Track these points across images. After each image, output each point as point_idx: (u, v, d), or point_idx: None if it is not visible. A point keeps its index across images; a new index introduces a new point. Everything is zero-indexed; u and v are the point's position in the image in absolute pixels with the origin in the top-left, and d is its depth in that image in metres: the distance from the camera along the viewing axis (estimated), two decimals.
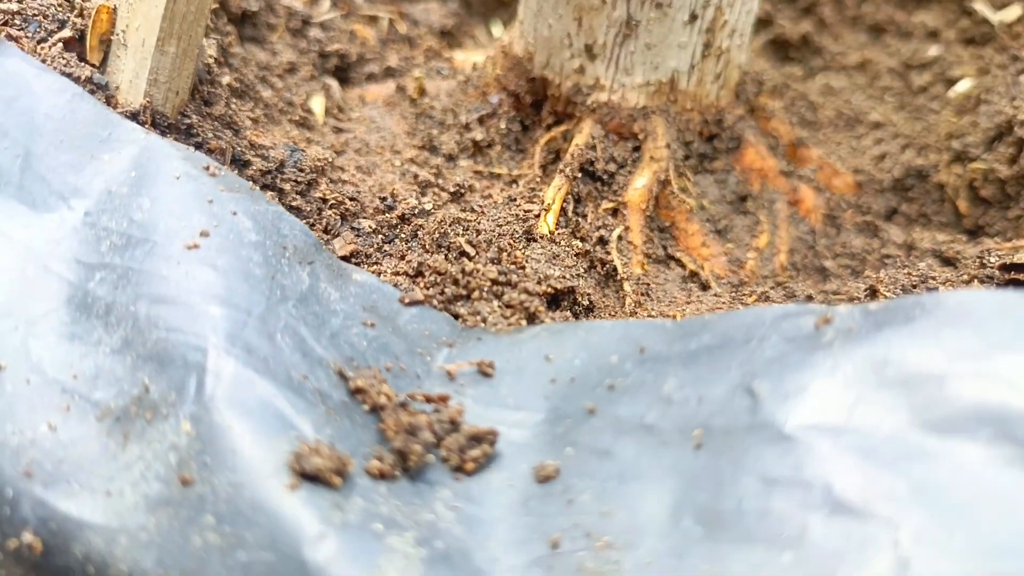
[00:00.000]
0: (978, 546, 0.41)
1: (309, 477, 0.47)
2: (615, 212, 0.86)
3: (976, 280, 0.72)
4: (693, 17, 0.86)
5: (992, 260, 0.75)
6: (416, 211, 0.76)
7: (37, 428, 0.52)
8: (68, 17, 0.74)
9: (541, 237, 0.73)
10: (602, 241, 0.83)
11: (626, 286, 0.79)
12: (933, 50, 1.30)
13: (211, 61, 0.80)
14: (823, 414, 0.46)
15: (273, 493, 0.47)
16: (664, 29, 0.87)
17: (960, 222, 1.04)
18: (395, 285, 0.65)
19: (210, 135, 0.74)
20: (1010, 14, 1.32)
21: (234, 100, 0.84)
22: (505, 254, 0.68)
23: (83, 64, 0.71)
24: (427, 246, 0.70)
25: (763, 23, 1.38)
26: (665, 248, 0.87)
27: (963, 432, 0.44)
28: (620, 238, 0.84)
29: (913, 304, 0.49)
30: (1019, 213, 0.98)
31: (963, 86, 1.22)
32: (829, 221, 0.99)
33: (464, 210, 0.82)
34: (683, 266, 0.86)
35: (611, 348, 0.57)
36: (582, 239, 0.82)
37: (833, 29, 1.40)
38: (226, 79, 0.85)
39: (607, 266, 0.82)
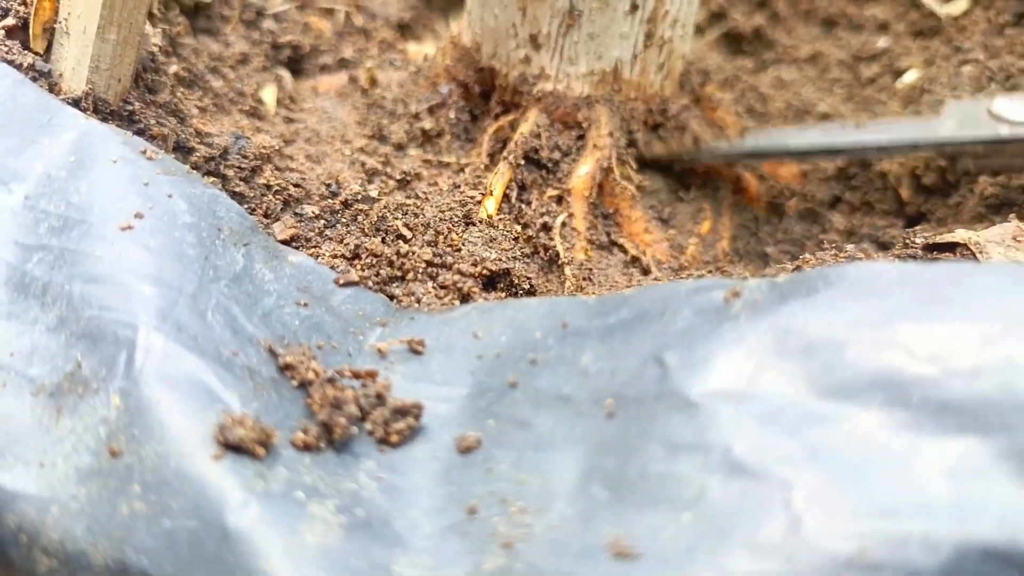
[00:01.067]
0: (868, 507, 0.43)
1: (233, 448, 0.49)
2: (559, 199, 0.88)
3: (899, 259, 0.75)
4: (634, 7, 0.88)
5: (917, 240, 0.78)
6: (359, 197, 0.78)
7: None
8: (11, 5, 0.74)
9: (480, 221, 0.75)
10: (546, 227, 0.85)
11: (567, 271, 0.81)
12: (882, 42, 1.33)
13: (156, 50, 0.81)
14: (726, 382, 0.48)
15: (198, 463, 0.48)
16: (606, 19, 0.88)
17: (903, 210, 1.06)
18: (332, 267, 0.67)
19: (152, 122, 0.75)
20: (956, 7, 1.35)
21: (181, 89, 0.85)
22: (442, 237, 0.70)
23: (26, 52, 0.72)
24: (366, 230, 0.71)
25: (717, 16, 1.41)
26: (608, 234, 0.89)
27: (858, 397, 0.46)
28: (564, 224, 0.86)
29: (817, 276, 0.51)
30: (959, 200, 1.01)
31: (909, 77, 1.25)
32: (772, 208, 1.01)
33: (409, 197, 0.84)
34: (625, 252, 0.88)
35: (536, 324, 0.59)
36: (525, 225, 0.84)
37: (787, 23, 1.43)
38: (173, 68, 0.86)
39: (550, 251, 0.83)
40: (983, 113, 0.89)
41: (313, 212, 0.76)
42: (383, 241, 0.69)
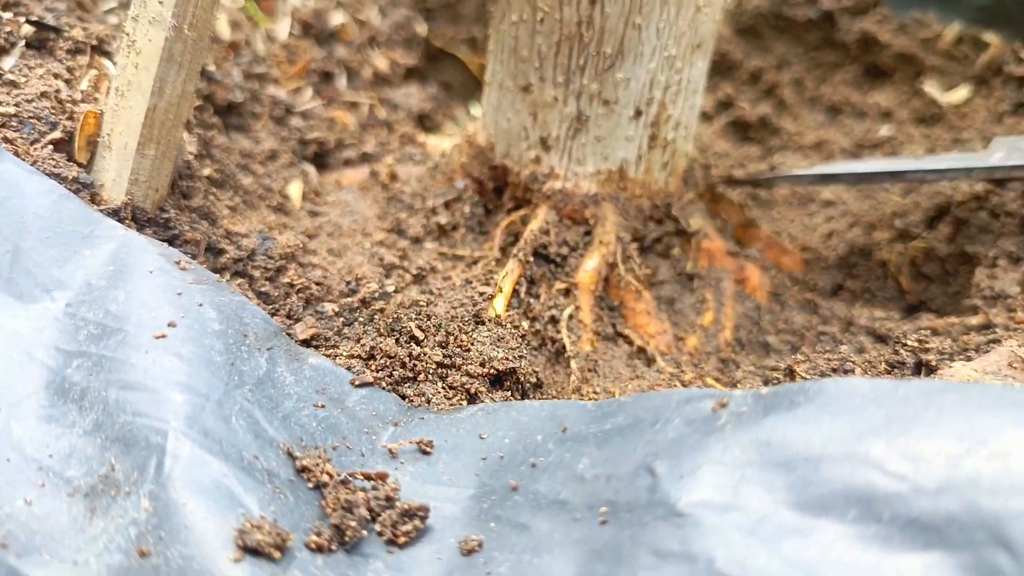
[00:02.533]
0: None
1: (251, 551, 0.53)
2: (567, 292, 0.92)
3: (888, 366, 0.78)
4: (638, 113, 0.93)
5: (909, 341, 0.81)
6: (377, 295, 0.83)
7: (14, 503, 0.57)
8: (59, 120, 0.81)
9: (488, 320, 0.79)
10: (553, 320, 0.89)
11: (572, 364, 0.85)
12: (884, 130, 1.38)
13: (191, 157, 0.87)
14: (712, 493, 0.51)
15: (219, 564, 0.52)
16: (612, 123, 0.94)
17: (903, 297, 1.10)
18: (348, 368, 0.71)
19: (186, 227, 0.80)
20: (956, 96, 1.40)
21: (213, 190, 0.91)
22: (452, 338, 0.74)
23: (71, 164, 0.78)
24: (381, 330, 0.76)
25: (724, 105, 1.46)
26: (614, 326, 0.93)
27: (833, 511, 0.49)
28: (571, 317, 0.90)
29: (798, 390, 0.54)
30: (957, 289, 1.04)
31: None
32: (774, 298, 1.05)
33: (424, 292, 0.88)
34: (630, 343, 0.92)
35: (537, 427, 0.62)
36: (533, 319, 0.88)
37: (793, 110, 1.48)
38: (206, 171, 0.92)
39: (557, 344, 0.88)
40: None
41: (333, 310, 0.81)
42: (397, 342, 0.73)
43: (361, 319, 0.79)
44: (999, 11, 1.42)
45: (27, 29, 0.93)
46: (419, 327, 0.74)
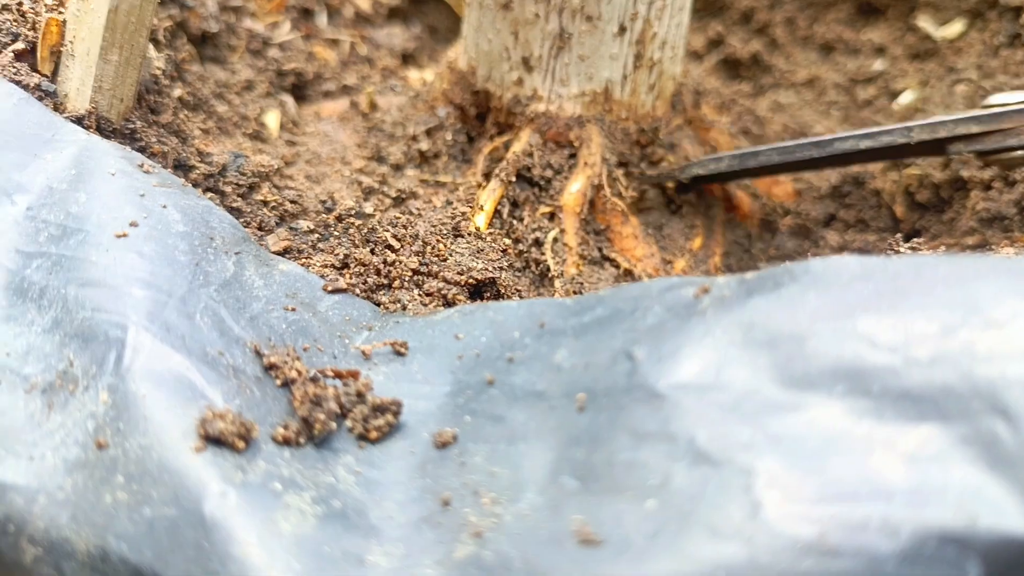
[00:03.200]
0: (828, 492, 0.43)
1: (214, 441, 0.50)
2: (552, 216, 0.90)
3: None
4: (622, 29, 0.90)
5: (902, 249, 0.79)
6: (353, 212, 0.80)
7: None
8: (21, 31, 0.78)
9: (468, 233, 0.76)
10: (537, 242, 0.87)
11: (557, 284, 0.82)
12: (878, 64, 1.35)
13: (159, 73, 0.84)
14: (692, 374, 0.49)
15: (179, 454, 0.50)
16: (595, 41, 0.91)
17: (898, 226, 1.07)
18: (322, 276, 0.68)
19: (154, 140, 0.78)
20: (951, 30, 1.37)
21: (185, 112, 0.88)
22: (429, 247, 0.72)
23: (34, 73, 0.75)
24: (356, 241, 0.73)
25: (715, 43, 1.43)
26: (600, 249, 0.91)
27: (820, 387, 0.47)
28: (555, 240, 0.88)
29: (783, 272, 0.52)
30: (953, 216, 1.01)
31: (906, 98, 1.26)
32: (765, 226, 1.02)
33: (403, 213, 0.86)
34: (617, 266, 0.90)
35: (515, 325, 0.60)
36: (517, 240, 0.85)
37: (785, 48, 1.45)
38: (177, 92, 0.89)
39: (541, 266, 0.85)
40: (977, 106, 0.91)
41: (308, 226, 0.78)
42: (372, 252, 0.71)
43: (336, 233, 0.77)
44: None
45: None
46: (395, 236, 0.72)
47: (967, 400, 0.44)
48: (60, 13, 0.83)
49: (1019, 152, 0.87)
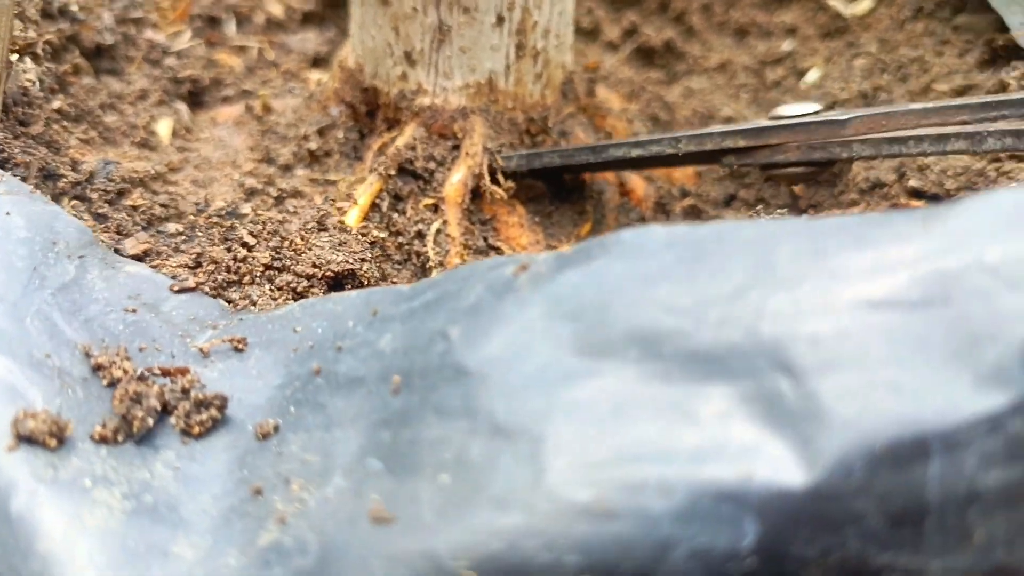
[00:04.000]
0: (611, 455, 0.43)
1: (26, 439, 0.50)
2: (435, 208, 0.90)
3: None
4: (500, 19, 0.90)
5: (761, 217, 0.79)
6: (222, 212, 0.80)
7: None
8: None
9: (332, 227, 0.76)
10: (420, 235, 0.87)
11: (433, 274, 0.82)
12: (786, 45, 1.36)
13: (29, 85, 0.84)
14: (499, 349, 0.49)
15: None
16: (475, 32, 0.91)
17: (796, 203, 1.07)
18: (174, 276, 0.68)
19: (17, 151, 0.77)
20: (860, 7, 1.37)
21: (64, 122, 0.88)
22: (286, 243, 0.71)
23: None
24: (214, 240, 0.73)
25: (628, 33, 1.43)
26: (486, 239, 0.91)
27: (615, 354, 0.47)
28: (439, 232, 0.87)
29: (597, 244, 0.52)
30: (842, 190, 1.02)
31: (812, 76, 1.27)
32: (659, 208, 1.02)
33: (282, 212, 0.85)
34: (501, 254, 0.89)
35: (351, 314, 0.60)
36: (399, 233, 0.85)
37: (701, 35, 1.46)
38: (56, 104, 0.89)
39: (422, 257, 0.85)
40: (763, 118, 0.90)
41: (176, 229, 0.78)
42: (228, 249, 0.71)
43: (199, 234, 0.76)
44: None
45: None
46: (251, 233, 0.71)
47: (752, 358, 0.44)
48: None
49: (796, 169, 0.87)
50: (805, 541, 0.41)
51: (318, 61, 1.35)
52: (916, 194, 0.89)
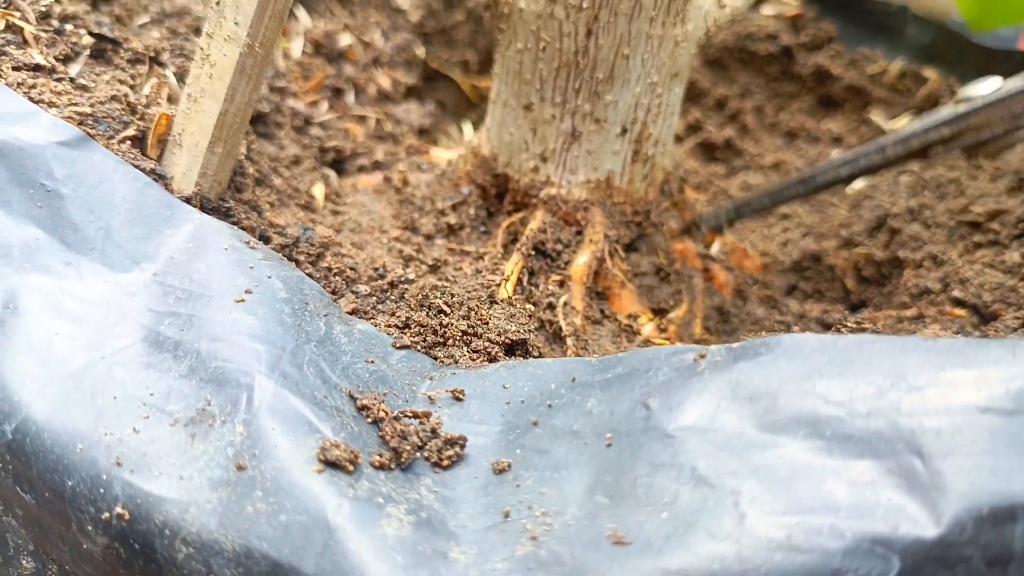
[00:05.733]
0: (793, 507, 0.60)
1: (330, 464, 0.66)
2: (562, 283, 1.07)
3: None
4: (624, 131, 1.09)
5: (849, 323, 0.97)
6: (402, 279, 0.96)
7: (124, 431, 0.69)
8: (131, 120, 0.94)
9: (501, 301, 0.93)
10: (551, 306, 1.03)
11: (568, 341, 0.99)
12: (834, 154, 1.55)
13: (243, 157, 1.00)
14: (693, 419, 0.66)
15: (305, 475, 0.65)
16: (601, 139, 1.09)
17: (848, 297, 1.26)
18: (388, 334, 0.84)
19: (242, 216, 0.93)
20: (899, 124, 1.58)
21: (257, 188, 1.04)
22: (473, 312, 0.88)
23: (146, 158, 0.90)
24: (412, 305, 0.89)
25: (693, 128, 1.63)
26: (602, 311, 1.08)
27: (788, 431, 0.64)
28: (565, 304, 1.04)
29: (761, 343, 0.69)
30: (891, 289, 1.20)
31: (858, 184, 1.46)
32: (737, 294, 1.20)
33: (440, 279, 1.02)
34: (617, 322, 1.07)
35: (551, 378, 0.76)
36: (534, 304, 1.02)
37: (754, 134, 1.65)
38: (251, 170, 1.05)
39: (554, 326, 1.02)
40: (948, 105, 1.02)
41: (366, 291, 0.94)
42: (427, 315, 0.87)
43: (392, 298, 0.93)
44: (936, 49, 1.61)
45: (88, 39, 1.05)
46: (445, 303, 0.88)
47: (893, 443, 0.61)
48: (159, 105, 0.99)
49: (1001, 141, 0.97)
50: (931, 574, 0.58)
51: (422, 132, 1.53)
52: (959, 303, 1.08)
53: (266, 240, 0.95)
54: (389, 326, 0.86)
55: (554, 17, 1.02)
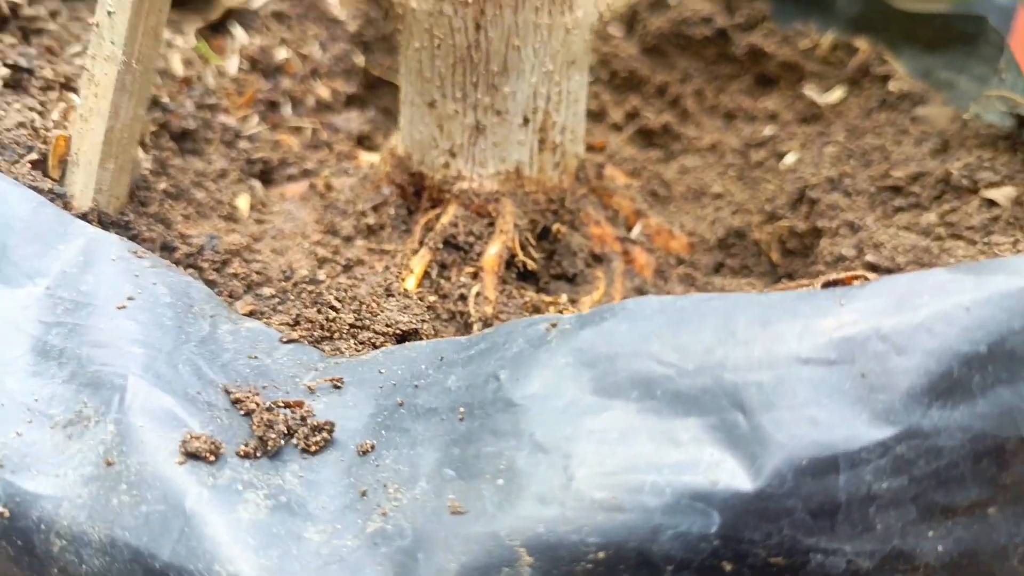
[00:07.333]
0: (619, 467, 0.62)
1: (192, 456, 0.69)
2: (475, 275, 1.09)
3: None
4: (526, 120, 1.11)
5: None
6: (306, 279, 0.99)
7: (8, 435, 0.73)
8: (35, 144, 0.98)
9: (398, 293, 0.96)
10: (462, 297, 1.06)
11: (475, 327, 1.01)
12: (767, 130, 1.56)
13: (147, 172, 1.04)
14: (537, 388, 0.68)
15: (167, 467, 0.68)
16: (505, 130, 1.11)
17: (775, 271, 1.27)
18: (279, 331, 0.87)
19: (144, 228, 0.97)
20: (833, 96, 1.58)
21: (169, 201, 1.08)
22: (364, 306, 0.91)
23: (46, 179, 0.94)
24: (306, 304, 0.92)
25: (631, 116, 1.64)
26: (518, 298, 1.10)
27: (622, 394, 0.66)
28: (478, 294, 1.07)
29: (607, 308, 0.71)
30: (813, 260, 1.21)
31: (790, 159, 1.47)
32: (658, 275, 1.22)
33: (351, 279, 1.05)
34: (533, 310, 1.08)
35: (423, 360, 0.79)
36: (444, 296, 1.05)
37: (695, 118, 1.66)
38: (162, 185, 1.09)
39: (465, 316, 1.04)
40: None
41: (270, 293, 0.97)
42: (318, 311, 0.90)
43: (291, 297, 0.96)
44: (865, 19, 1.61)
45: (4, 71, 1.10)
46: (337, 299, 0.91)
47: (718, 399, 0.63)
48: (65, 128, 1.03)
49: None
50: (753, 528, 0.60)
51: (362, 139, 1.56)
52: (872, 268, 1.09)
53: (171, 250, 0.99)
54: (282, 324, 0.89)
55: (443, 14, 1.05)
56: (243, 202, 1.23)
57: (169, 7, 0.84)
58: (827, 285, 0.81)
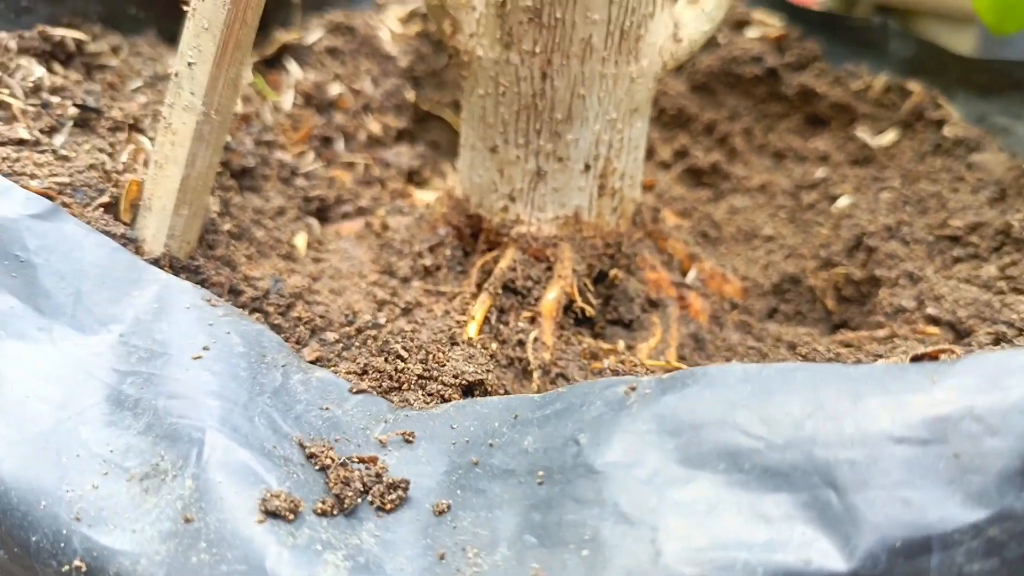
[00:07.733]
0: (709, 542, 0.61)
1: (272, 514, 0.69)
2: (532, 319, 1.09)
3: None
4: (587, 167, 1.11)
5: (819, 348, 0.97)
6: (370, 324, 0.99)
7: (84, 487, 0.73)
8: (106, 187, 0.99)
9: (462, 342, 0.95)
10: (520, 343, 1.06)
11: (535, 375, 1.01)
12: (820, 172, 1.55)
13: (215, 215, 1.05)
14: (619, 455, 0.67)
15: (247, 525, 0.68)
16: (566, 177, 1.11)
17: (830, 318, 1.26)
18: (347, 380, 0.87)
19: (212, 272, 0.97)
20: (885, 139, 1.57)
21: (232, 242, 1.09)
22: (431, 356, 0.90)
23: (118, 223, 0.95)
24: (373, 351, 0.92)
25: (680, 154, 1.64)
26: (573, 344, 1.10)
27: (708, 465, 0.65)
28: (535, 339, 1.07)
29: (688, 374, 0.71)
30: (870, 308, 1.20)
31: (843, 202, 1.46)
32: (714, 321, 1.21)
33: (411, 322, 1.05)
34: (591, 355, 1.08)
35: (496, 416, 0.78)
36: (503, 341, 1.04)
37: (743, 156, 1.66)
38: (226, 226, 1.10)
39: (523, 362, 1.04)
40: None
41: (334, 338, 0.97)
42: (386, 360, 0.90)
43: (356, 344, 0.96)
44: (919, 62, 1.60)
45: (73, 111, 1.11)
46: (403, 348, 0.91)
47: (809, 475, 0.62)
48: (135, 171, 1.04)
49: None
50: None
51: (411, 174, 1.57)
52: (933, 321, 1.07)
53: (237, 294, 0.99)
54: (349, 372, 0.89)
55: (510, 63, 1.05)
56: (300, 240, 1.23)
57: (248, 58, 0.85)
58: (916, 359, 0.80)
